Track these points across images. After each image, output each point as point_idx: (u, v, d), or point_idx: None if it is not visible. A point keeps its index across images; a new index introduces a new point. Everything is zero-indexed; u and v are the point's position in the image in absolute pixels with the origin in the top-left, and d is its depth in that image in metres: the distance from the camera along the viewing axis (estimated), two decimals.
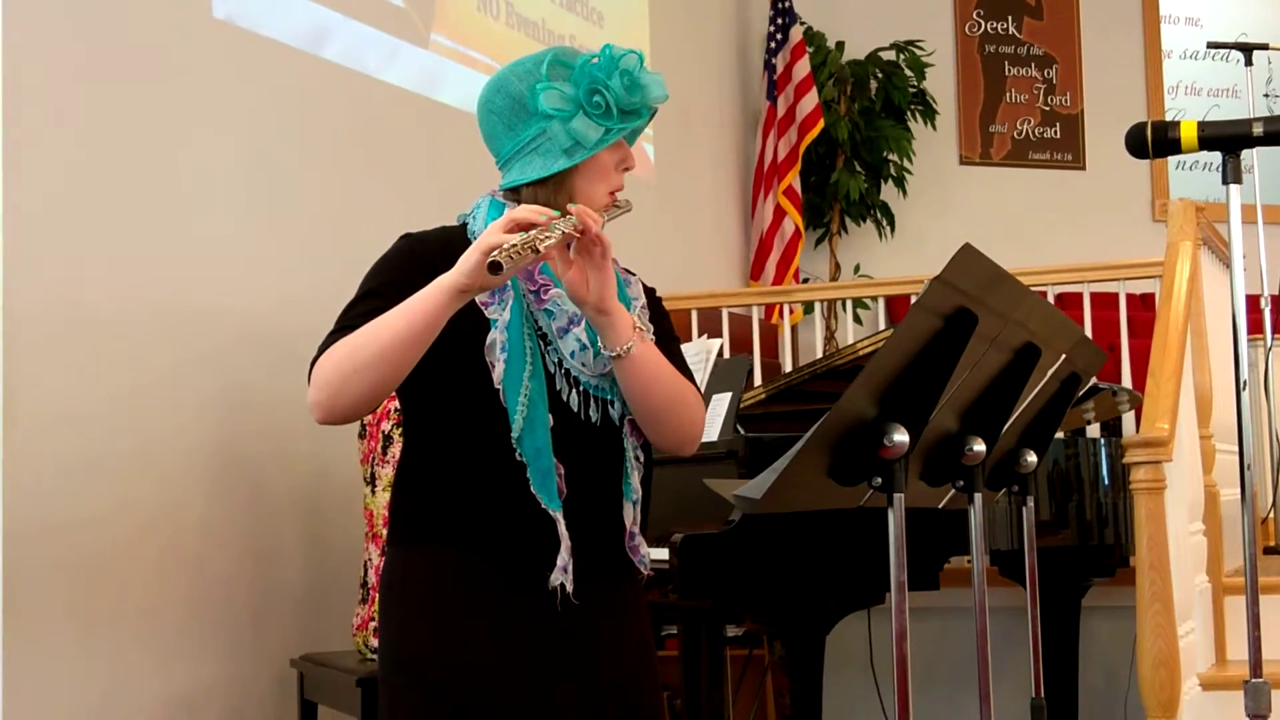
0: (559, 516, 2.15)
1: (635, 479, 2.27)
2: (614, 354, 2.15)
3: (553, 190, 2.21)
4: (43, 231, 3.50)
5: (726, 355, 4.12)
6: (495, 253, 1.96)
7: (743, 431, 3.51)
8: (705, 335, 4.18)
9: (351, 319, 2.15)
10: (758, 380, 5.43)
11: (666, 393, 2.23)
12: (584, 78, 2.18)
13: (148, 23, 3.88)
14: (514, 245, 1.97)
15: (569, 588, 2.15)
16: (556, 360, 2.20)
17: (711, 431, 3.57)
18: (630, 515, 2.26)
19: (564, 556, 2.15)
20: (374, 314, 2.11)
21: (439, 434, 2.22)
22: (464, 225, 2.29)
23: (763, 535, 3.26)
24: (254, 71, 4.25)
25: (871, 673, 4.69)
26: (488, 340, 2.16)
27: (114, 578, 3.59)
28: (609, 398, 2.24)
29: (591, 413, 2.22)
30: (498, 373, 2.14)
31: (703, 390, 3.67)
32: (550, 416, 2.16)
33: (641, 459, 2.30)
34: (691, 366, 3.73)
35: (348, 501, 4.20)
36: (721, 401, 3.60)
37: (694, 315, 5.76)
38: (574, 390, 2.21)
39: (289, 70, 4.38)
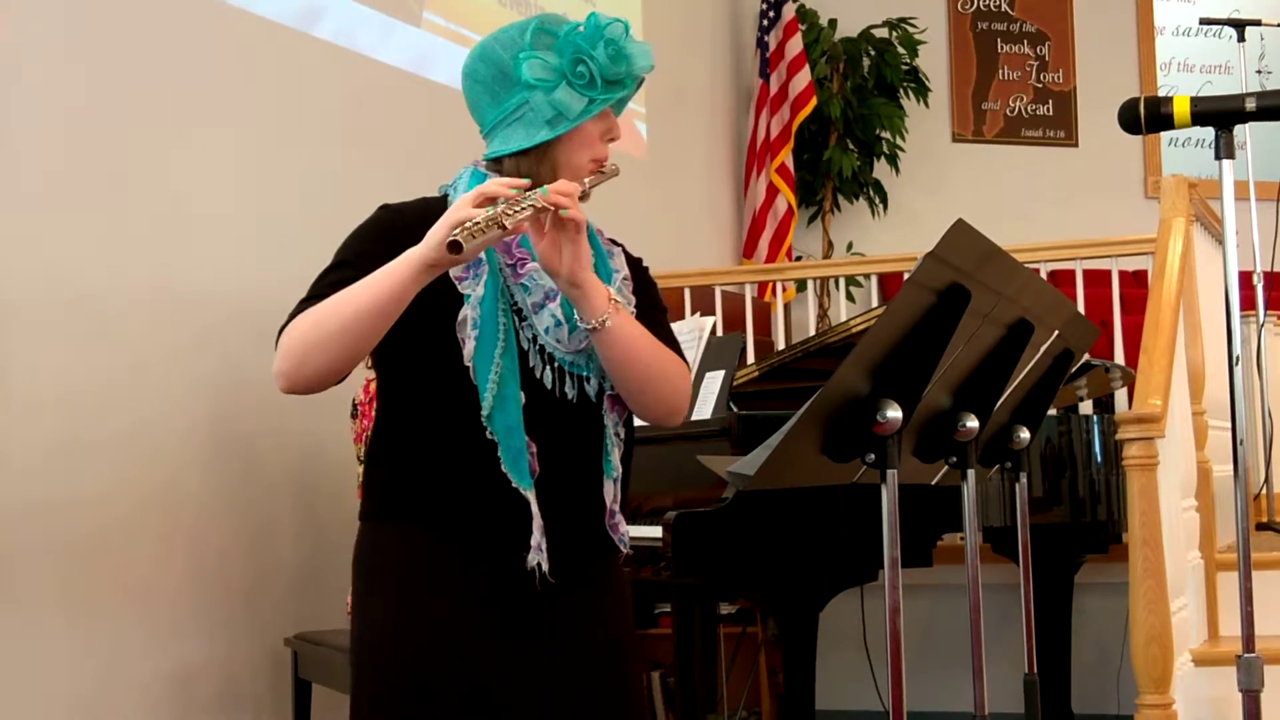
0: (531, 495, 2.11)
1: (615, 456, 2.24)
2: (589, 326, 2.11)
3: (535, 161, 2.18)
4: (36, 212, 3.50)
5: (719, 333, 4.11)
6: (456, 231, 1.93)
7: (736, 409, 3.51)
8: (698, 313, 4.18)
9: (322, 288, 2.11)
10: (750, 358, 5.43)
11: (646, 364, 2.19)
12: (568, 47, 2.16)
13: (142, 2, 3.86)
14: (478, 223, 1.94)
15: (545, 567, 2.12)
16: (531, 336, 2.17)
17: (705, 409, 3.57)
18: (610, 493, 2.23)
19: (537, 536, 2.11)
20: (344, 284, 2.07)
21: (411, 409, 2.19)
22: (444, 196, 2.26)
23: (756, 512, 3.26)
24: (248, 51, 4.23)
25: (864, 649, 4.71)
26: (459, 316, 2.12)
27: (108, 557, 3.59)
28: (585, 374, 2.20)
29: (567, 389, 2.18)
30: (468, 350, 2.11)
31: (695, 368, 3.68)
32: (523, 394, 2.13)
33: (622, 435, 2.27)
34: (684, 345, 3.74)
35: (341, 480, 4.20)
36: (715, 379, 3.60)
37: (687, 293, 5.76)
38: (548, 367, 2.17)
39: (282, 49, 4.37)
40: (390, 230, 2.18)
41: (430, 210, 2.20)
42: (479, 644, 2.13)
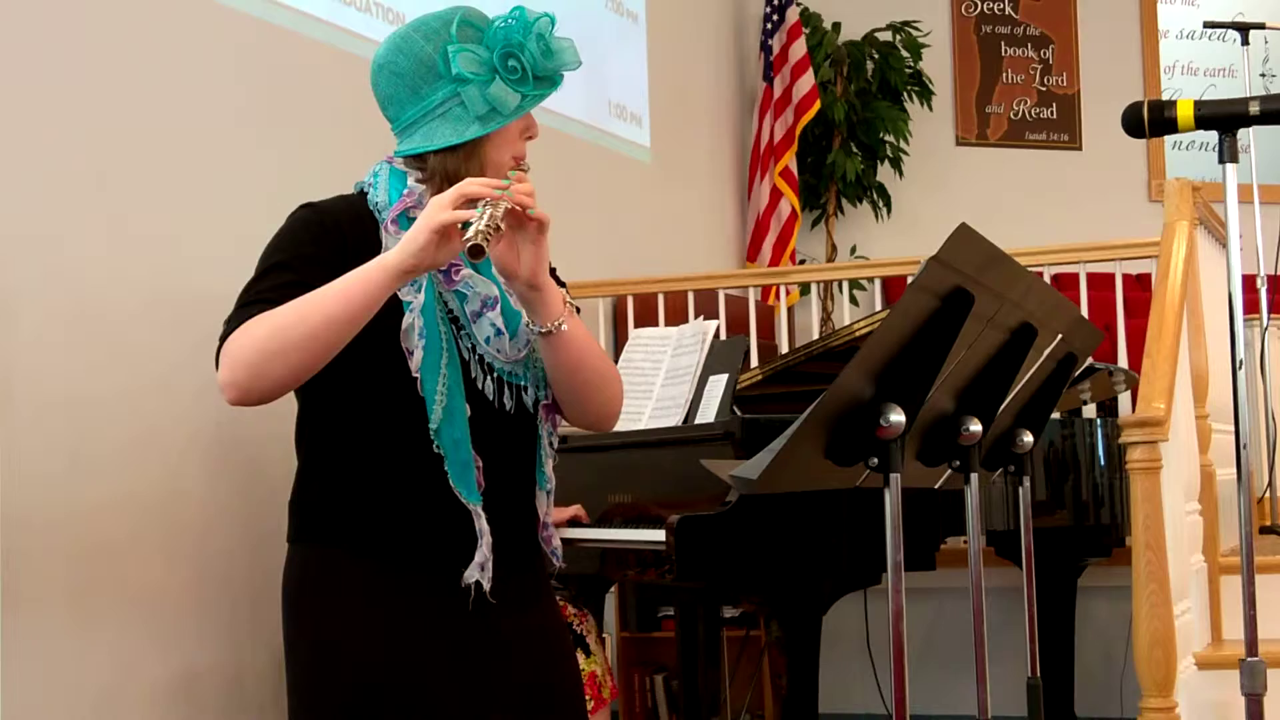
0: (479, 510, 2.07)
1: (549, 467, 2.21)
2: (545, 330, 2.06)
3: (463, 158, 2.11)
4: (40, 218, 3.50)
5: (723, 336, 4.12)
6: (474, 236, 1.85)
7: (739, 413, 3.52)
8: (702, 316, 4.18)
9: (261, 294, 2.05)
10: (754, 361, 5.43)
11: (595, 368, 2.16)
12: (498, 41, 2.07)
13: (144, 4, 3.87)
14: (485, 227, 1.87)
15: (486, 586, 2.07)
16: (470, 346, 2.11)
17: (708, 413, 3.57)
18: (544, 504, 2.20)
19: (483, 552, 2.07)
20: (286, 288, 2.01)
21: (347, 425, 2.12)
22: (363, 194, 2.19)
23: (760, 516, 3.26)
24: (252, 53, 4.24)
25: (868, 653, 4.71)
26: (404, 324, 2.05)
27: (114, 563, 3.59)
28: (523, 383, 2.16)
29: (506, 400, 2.14)
30: (415, 360, 2.05)
31: (699, 371, 3.68)
32: (467, 406, 2.07)
33: (554, 445, 2.23)
34: (688, 348, 3.76)
35: None
36: (718, 383, 3.60)
37: (690, 296, 5.76)
38: (489, 377, 2.12)
39: (288, 52, 4.38)
40: (322, 229, 2.13)
41: (354, 207, 2.16)
42: (430, 663, 2.08)
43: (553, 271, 2.26)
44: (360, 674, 2.07)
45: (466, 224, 1.91)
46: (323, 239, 2.10)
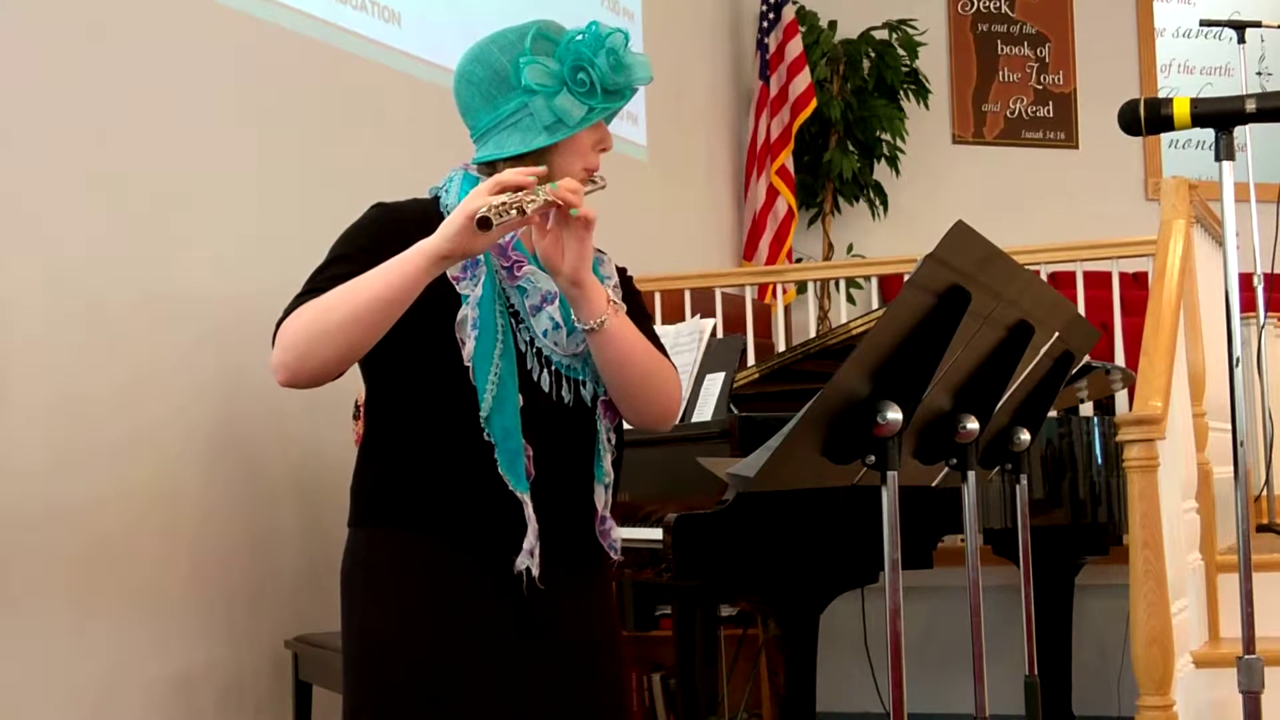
0: (526, 499, 2.10)
1: (607, 461, 2.24)
2: (587, 327, 2.11)
3: (530, 167, 2.15)
4: (37, 216, 3.49)
5: (720, 335, 4.12)
6: (483, 209, 1.92)
7: (736, 411, 3.52)
8: (698, 315, 4.18)
9: (320, 282, 2.10)
10: (751, 360, 5.43)
11: (642, 366, 2.19)
12: (569, 54, 2.14)
13: (141, 3, 3.87)
14: (502, 203, 1.94)
15: (535, 572, 2.11)
16: (528, 339, 2.16)
17: (705, 411, 3.57)
18: (601, 498, 2.23)
19: (530, 540, 2.11)
20: (344, 279, 2.06)
21: (405, 411, 2.17)
22: (436, 198, 2.25)
23: (757, 514, 3.26)
24: (247, 52, 4.23)
25: (865, 651, 4.71)
26: (459, 316, 2.11)
27: (111, 561, 3.59)
28: (581, 378, 2.20)
29: (564, 393, 2.18)
30: (468, 350, 2.10)
31: (696, 370, 3.68)
32: (520, 396, 2.12)
33: (613, 441, 2.26)
34: (685, 347, 3.75)
35: (343, 483, 4.17)
36: (715, 381, 3.60)
37: (687, 295, 5.76)
38: (545, 370, 2.17)
39: (283, 51, 4.37)
40: (387, 228, 2.17)
41: (425, 210, 2.21)
42: (479, 650, 2.13)
43: (623, 272, 2.36)
44: (419, 658, 2.12)
45: None
46: (386, 235, 2.14)
